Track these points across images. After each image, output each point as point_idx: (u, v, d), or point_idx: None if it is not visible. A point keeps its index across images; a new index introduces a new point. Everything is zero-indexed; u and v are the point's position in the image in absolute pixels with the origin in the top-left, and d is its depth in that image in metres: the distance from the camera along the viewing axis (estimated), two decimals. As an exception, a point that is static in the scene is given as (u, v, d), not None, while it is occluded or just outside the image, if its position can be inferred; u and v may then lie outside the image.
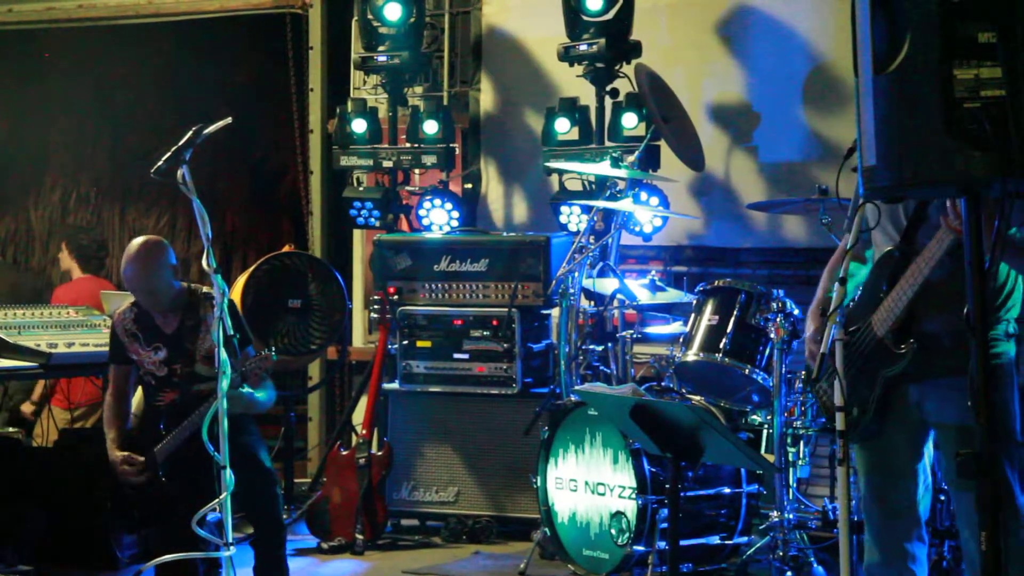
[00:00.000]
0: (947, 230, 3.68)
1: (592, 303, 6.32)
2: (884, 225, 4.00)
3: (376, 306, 6.79)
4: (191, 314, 5.47)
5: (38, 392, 7.76)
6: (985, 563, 2.98)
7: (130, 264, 5.43)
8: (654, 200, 6.68)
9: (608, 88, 6.98)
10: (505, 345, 6.67)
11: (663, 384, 5.87)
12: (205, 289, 5.56)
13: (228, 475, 4.50)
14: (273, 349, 5.33)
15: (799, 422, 5.58)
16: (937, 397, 3.85)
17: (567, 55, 6.96)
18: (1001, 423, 3.75)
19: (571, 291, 6.10)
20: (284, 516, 5.66)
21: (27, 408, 7.79)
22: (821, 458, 6.12)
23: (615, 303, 6.21)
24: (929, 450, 4.02)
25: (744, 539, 5.72)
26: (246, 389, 5.19)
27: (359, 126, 7.38)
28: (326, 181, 8.26)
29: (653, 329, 6.32)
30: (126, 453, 5.42)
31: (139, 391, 7.51)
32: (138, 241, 5.48)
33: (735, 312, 5.66)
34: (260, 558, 5.45)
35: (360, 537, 6.43)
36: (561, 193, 7.13)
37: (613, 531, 5.60)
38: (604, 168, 6.37)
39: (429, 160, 7.30)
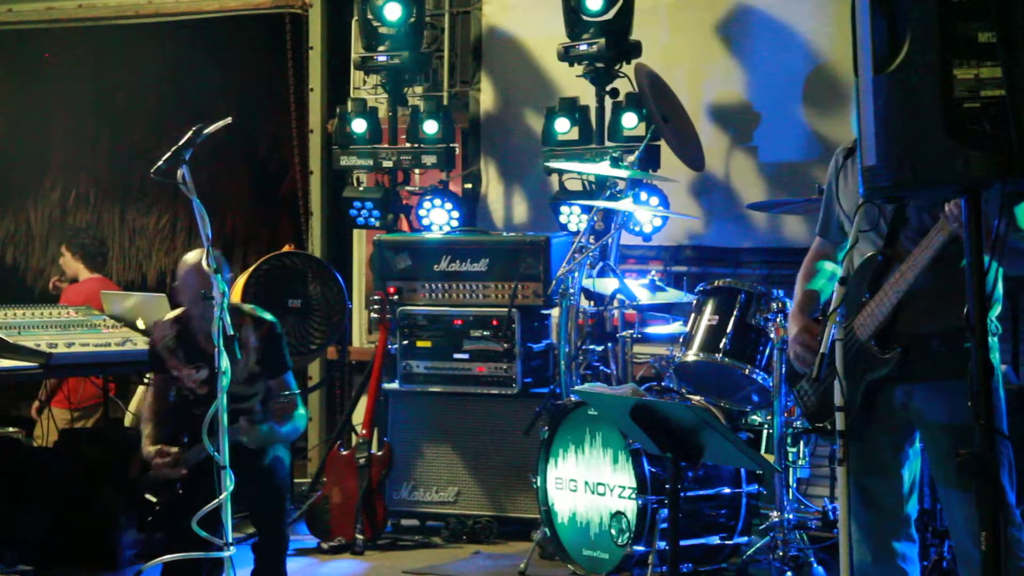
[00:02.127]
0: (935, 234, 3.69)
1: (592, 303, 6.32)
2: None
3: (376, 306, 6.78)
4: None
5: (43, 391, 7.74)
6: (985, 563, 2.98)
7: (191, 274, 5.28)
8: (654, 200, 6.68)
9: (608, 88, 6.98)
10: (505, 345, 6.66)
11: (663, 384, 5.86)
12: (245, 307, 5.54)
13: (228, 475, 4.50)
14: (298, 391, 5.31)
15: (799, 422, 5.57)
16: (925, 398, 3.85)
17: (567, 55, 6.96)
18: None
19: (571, 291, 6.09)
20: (289, 530, 5.62)
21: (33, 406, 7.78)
22: (821, 458, 6.12)
23: (615, 303, 6.21)
24: (916, 450, 4.02)
25: (744, 539, 5.73)
26: (265, 427, 5.15)
27: (359, 126, 7.38)
28: (326, 181, 8.26)
29: (653, 329, 6.32)
30: (159, 447, 5.35)
31: (139, 390, 7.49)
32: (197, 252, 5.27)
33: (735, 312, 5.65)
34: (259, 563, 5.42)
35: (360, 537, 6.43)
36: (561, 193, 7.13)
37: (613, 531, 5.60)
38: (604, 168, 6.37)
39: (429, 160, 7.30)
